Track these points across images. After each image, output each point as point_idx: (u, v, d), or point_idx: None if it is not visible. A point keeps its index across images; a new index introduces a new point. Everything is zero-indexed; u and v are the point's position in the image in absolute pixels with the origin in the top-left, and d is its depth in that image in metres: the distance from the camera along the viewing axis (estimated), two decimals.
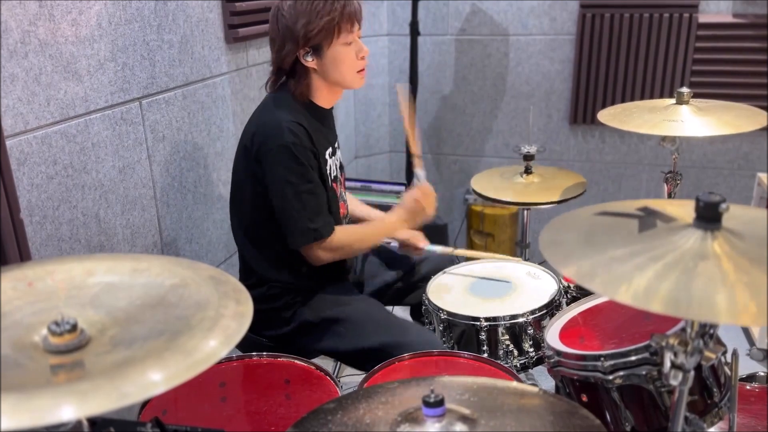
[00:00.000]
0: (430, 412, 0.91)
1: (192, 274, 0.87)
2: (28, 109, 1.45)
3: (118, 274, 0.88)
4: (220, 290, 0.84)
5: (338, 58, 1.65)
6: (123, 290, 0.85)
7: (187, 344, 0.72)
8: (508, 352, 1.67)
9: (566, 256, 0.91)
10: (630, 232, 0.94)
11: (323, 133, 1.73)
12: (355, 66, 1.68)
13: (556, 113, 3.30)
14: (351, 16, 1.63)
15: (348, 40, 1.64)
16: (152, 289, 0.85)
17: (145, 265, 0.90)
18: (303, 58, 1.64)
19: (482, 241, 3.35)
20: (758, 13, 2.87)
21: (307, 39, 1.61)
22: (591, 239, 0.94)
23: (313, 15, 1.60)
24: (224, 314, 0.78)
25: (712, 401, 1.19)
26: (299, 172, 1.62)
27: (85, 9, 1.59)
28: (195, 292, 0.83)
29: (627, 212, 1.00)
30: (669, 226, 0.93)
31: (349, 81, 1.70)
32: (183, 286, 0.84)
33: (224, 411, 1.39)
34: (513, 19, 3.22)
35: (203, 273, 0.88)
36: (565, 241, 0.95)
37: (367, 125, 3.59)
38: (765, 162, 3.05)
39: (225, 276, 0.89)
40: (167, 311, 0.80)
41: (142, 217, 1.85)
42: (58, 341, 0.74)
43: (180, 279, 0.86)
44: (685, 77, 3.00)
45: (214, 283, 0.86)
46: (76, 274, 0.88)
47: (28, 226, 1.46)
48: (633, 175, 3.29)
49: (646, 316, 1.39)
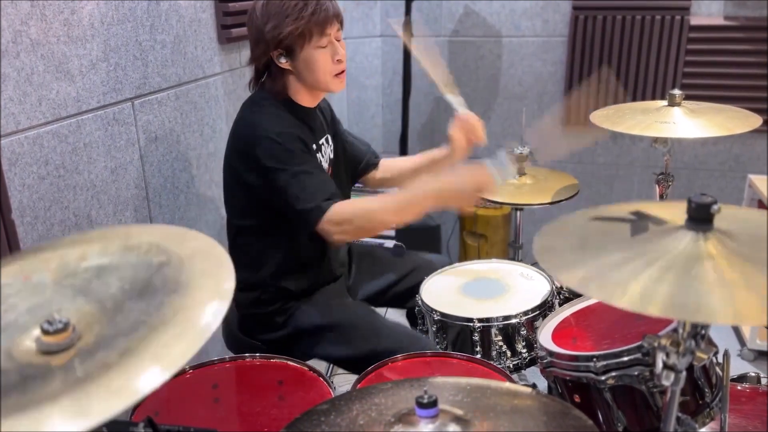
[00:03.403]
0: (424, 413, 0.91)
1: (178, 250, 0.87)
2: (19, 109, 1.44)
3: (109, 255, 0.88)
4: (200, 267, 0.83)
5: (311, 61, 1.62)
6: (113, 273, 0.85)
7: (158, 344, 0.71)
8: (501, 353, 1.67)
9: (562, 264, 0.91)
10: (622, 236, 0.94)
11: (305, 129, 1.70)
12: (330, 69, 1.64)
13: (548, 115, 3.31)
14: (323, 21, 1.59)
15: (322, 44, 1.61)
16: (140, 270, 0.85)
17: (136, 242, 0.90)
18: (276, 59, 1.62)
19: (475, 242, 3.35)
20: (749, 16, 2.89)
21: (277, 42, 1.59)
22: (585, 245, 0.94)
23: (281, 18, 1.57)
24: (201, 304, 0.77)
25: (703, 402, 1.19)
26: (288, 157, 1.57)
27: (77, 9, 1.58)
28: (179, 273, 0.82)
29: (618, 216, 1.00)
30: (661, 228, 0.93)
31: (325, 84, 1.66)
32: (168, 264, 0.84)
33: (217, 412, 1.38)
34: (506, 20, 3.23)
35: (189, 246, 0.88)
36: (560, 247, 0.95)
37: (361, 126, 3.59)
38: (756, 164, 3.07)
39: (212, 248, 0.88)
40: (150, 300, 0.79)
41: (135, 218, 1.84)
42: (50, 340, 0.74)
43: (166, 256, 0.86)
44: (677, 79, 3.01)
45: (199, 258, 0.85)
46: (70, 260, 0.88)
47: (19, 226, 1.45)
48: (625, 176, 3.30)
49: (638, 316, 1.40)
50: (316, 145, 1.74)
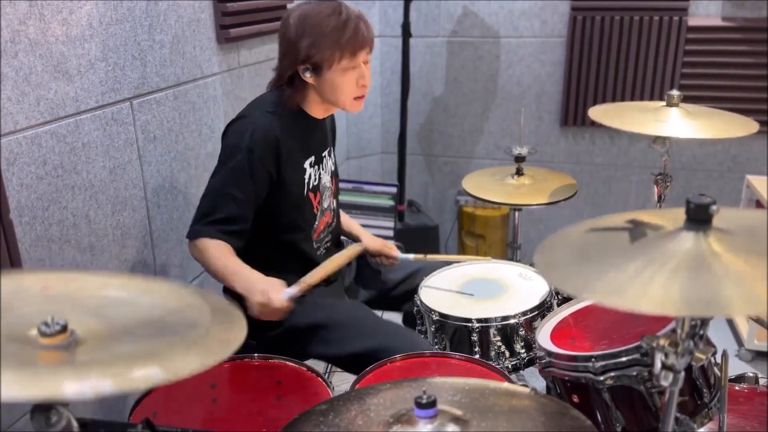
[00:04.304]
0: (422, 413, 0.91)
1: (197, 300, 0.89)
2: (17, 108, 1.44)
3: (128, 291, 0.91)
4: (217, 318, 0.85)
5: (336, 82, 1.62)
6: (129, 306, 0.87)
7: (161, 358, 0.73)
8: (500, 353, 1.67)
9: (572, 277, 0.91)
10: (624, 244, 0.94)
11: (304, 141, 1.71)
12: (352, 92, 1.65)
13: (547, 115, 3.31)
14: (357, 46, 1.60)
15: (350, 66, 1.61)
16: (156, 309, 0.87)
17: (156, 288, 0.92)
18: (302, 73, 1.63)
19: (474, 242, 3.35)
20: (747, 17, 2.90)
21: (307, 58, 1.59)
22: (589, 257, 0.94)
23: (319, 37, 1.57)
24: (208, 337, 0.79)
25: (702, 402, 1.19)
26: (237, 176, 1.60)
27: (75, 8, 1.58)
28: (190, 316, 0.84)
29: (614, 226, 1.01)
30: (660, 233, 0.93)
31: (343, 104, 1.68)
32: (185, 310, 0.86)
33: (215, 413, 1.38)
34: (504, 21, 3.23)
35: (210, 300, 0.89)
36: (563, 261, 0.96)
37: (359, 126, 3.59)
38: (754, 164, 3.08)
39: (229, 307, 0.90)
40: (161, 329, 0.81)
41: (133, 218, 1.84)
42: (47, 342, 0.74)
43: (185, 303, 0.87)
44: (675, 80, 3.02)
45: (216, 313, 0.87)
46: (91, 285, 0.91)
47: (17, 226, 1.45)
48: (623, 177, 3.31)
49: (636, 317, 1.40)
50: (315, 158, 1.75)
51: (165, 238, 2.00)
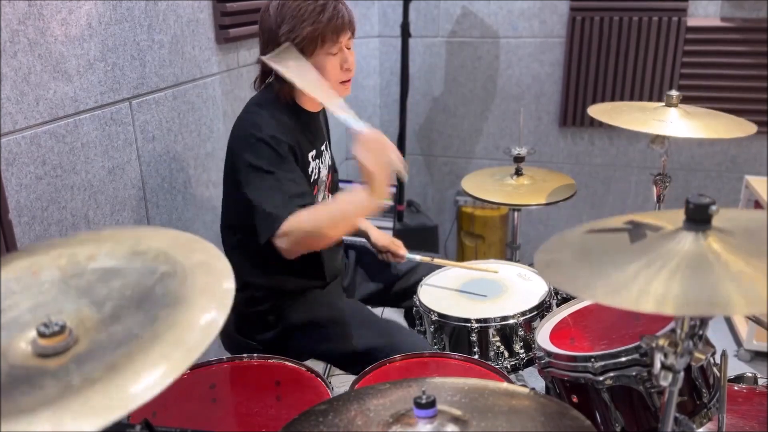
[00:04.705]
0: (422, 414, 0.91)
1: (184, 260, 0.86)
2: (16, 108, 1.44)
3: (117, 258, 0.88)
4: (202, 282, 0.83)
5: (320, 66, 1.60)
6: (118, 277, 0.85)
7: (144, 363, 0.71)
8: (499, 354, 1.67)
9: (572, 277, 0.91)
10: (624, 245, 0.95)
11: (305, 135, 1.70)
12: (337, 77, 1.64)
13: (545, 115, 3.31)
14: (338, 28, 1.58)
15: (332, 50, 1.60)
16: (144, 277, 0.85)
17: (144, 247, 0.90)
18: None
19: (473, 242, 3.35)
20: (746, 17, 2.90)
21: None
22: (589, 258, 0.95)
23: (297, 22, 1.56)
24: (193, 324, 0.77)
25: (701, 402, 1.20)
26: (278, 161, 1.54)
27: (74, 8, 1.58)
28: (180, 286, 0.82)
29: (615, 227, 1.01)
30: (659, 234, 0.93)
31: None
32: (172, 275, 0.84)
33: (215, 413, 1.38)
34: (503, 21, 3.24)
35: (195, 258, 0.88)
36: (563, 262, 0.96)
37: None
38: (752, 165, 3.08)
39: (217, 261, 0.87)
40: (147, 312, 0.79)
41: (132, 218, 1.84)
42: (46, 343, 0.74)
43: (171, 266, 0.86)
44: (674, 80, 3.02)
45: (202, 271, 0.85)
46: (80, 259, 0.88)
47: (16, 226, 1.45)
48: (622, 177, 3.31)
49: (635, 317, 1.40)
50: (316, 152, 1.74)
51: None
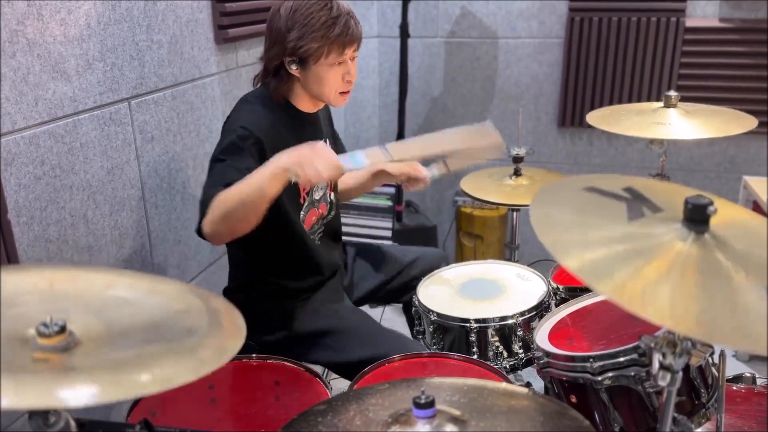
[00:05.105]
0: (421, 414, 0.91)
1: (200, 303, 0.89)
2: (15, 108, 1.44)
3: (134, 291, 0.91)
4: (214, 322, 0.85)
5: (322, 76, 1.61)
6: (132, 308, 0.87)
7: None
8: (498, 354, 1.67)
9: (568, 248, 0.91)
10: (620, 219, 0.95)
11: (296, 134, 1.67)
12: (337, 87, 1.65)
13: (544, 116, 3.31)
14: (346, 43, 1.59)
15: (336, 62, 1.61)
16: (158, 311, 0.87)
17: (163, 288, 0.92)
18: (288, 65, 1.62)
19: (471, 242, 3.35)
20: (745, 18, 2.90)
21: (294, 50, 1.58)
22: (582, 222, 0.95)
23: (307, 31, 1.56)
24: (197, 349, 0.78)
25: (699, 402, 1.20)
26: (233, 150, 1.52)
27: (73, 8, 1.58)
28: (190, 321, 0.84)
29: (614, 192, 1.01)
30: (656, 217, 0.93)
31: (327, 99, 1.67)
32: (186, 312, 0.86)
33: (214, 413, 1.38)
34: (502, 22, 3.24)
35: (212, 303, 0.89)
36: (560, 224, 0.97)
37: (357, 127, 3.59)
38: (751, 165, 3.08)
39: (229, 310, 0.91)
40: (157, 337, 0.81)
41: (131, 218, 1.84)
42: (45, 342, 0.74)
43: (186, 305, 0.87)
44: (672, 80, 3.02)
45: (214, 315, 0.87)
46: (97, 284, 0.91)
47: (15, 226, 1.45)
48: None
49: (634, 317, 1.40)
50: None
51: (163, 239, 2.00)
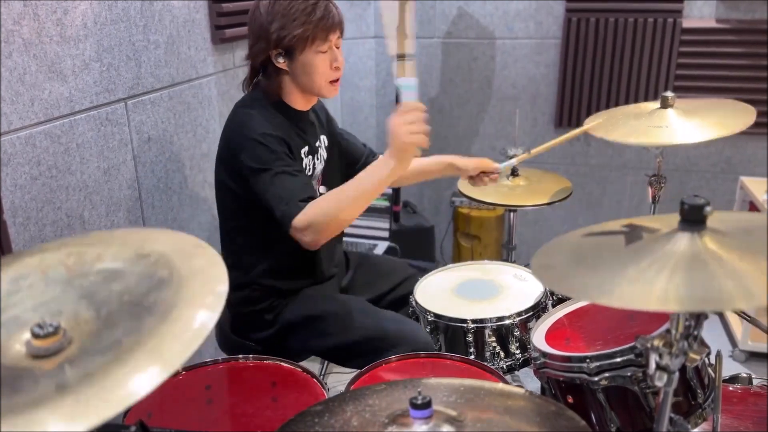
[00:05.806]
0: (418, 414, 0.91)
1: (182, 264, 0.87)
2: (11, 109, 1.43)
3: (121, 260, 0.89)
4: (194, 289, 0.82)
5: (310, 64, 1.61)
6: (120, 279, 0.86)
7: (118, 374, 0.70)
8: (495, 354, 1.67)
9: (568, 278, 0.92)
10: (620, 248, 0.95)
11: (295, 132, 1.70)
12: (327, 75, 1.65)
13: (541, 116, 3.32)
14: (328, 27, 1.59)
15: (322, 49, 1.61)
16: (143, 280, 0.85)
17: (148, 249, 0.90)
18: (275, 58, 1.62)
19: (469, 243, 3.36)
20: (741, 18, 2.91)
21: (279, 41, 1.58)
22: (585, 260, 0.96)
23: (288, 20, 1.57)
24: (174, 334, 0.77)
25: (696, 402, 1.20)
26: (271, 158, 1.56)
27: (70, 9, 1.57)
28: (172, 295, 0.82)
29: (611, 230, 1.02)
30: (655, 236, 0.94)
31: (319, 89, 1.67)
32: (168, 282, 0.84)
33: (210, 414, 1.38)
34: (499, 22, 3.24)
35: (195, 263, 0.87)
36: (559, 264, 0.97)
37: (354, 127, 3.59)
38: (747, 166, 3.09)
39: (216, 268, 0.87)
40: (136, 320, 0.79)
41: (127, 218, 1.84)
42: (40, 344, 0.74)
43: (169, 271, 0.86)
44: (669, 81, 3.03)
45: (197, 280, 0.85)
46: (87, 259, 0.89)
47: (11, 227, 1.44)
48: (618, 178, 3.32)
49: (630, 317, 1.41)
50: (309, 148, 1.73)
51: None
